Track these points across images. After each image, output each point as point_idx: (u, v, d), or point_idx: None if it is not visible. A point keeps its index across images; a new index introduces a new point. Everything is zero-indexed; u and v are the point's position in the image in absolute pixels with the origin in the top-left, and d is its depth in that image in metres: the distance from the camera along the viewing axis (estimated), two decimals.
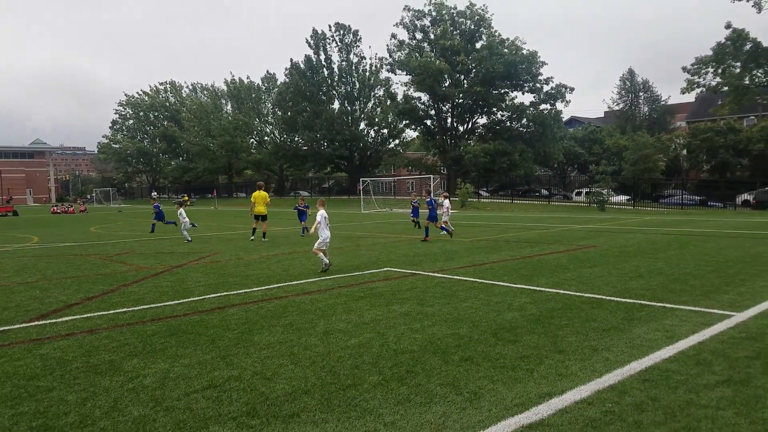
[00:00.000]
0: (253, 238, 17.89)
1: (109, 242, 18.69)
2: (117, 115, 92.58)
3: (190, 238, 18.14)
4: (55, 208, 54.74)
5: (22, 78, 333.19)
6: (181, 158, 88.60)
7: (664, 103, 62.80)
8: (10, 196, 69.15)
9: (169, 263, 12.65)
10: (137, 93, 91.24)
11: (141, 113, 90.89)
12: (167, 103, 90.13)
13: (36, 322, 7.06)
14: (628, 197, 42.28)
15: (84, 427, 3.90)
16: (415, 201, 22.60)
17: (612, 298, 7.92)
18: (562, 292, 8.48)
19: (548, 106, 52.13)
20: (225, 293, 8.81)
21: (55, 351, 5.75)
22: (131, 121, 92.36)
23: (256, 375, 4.93)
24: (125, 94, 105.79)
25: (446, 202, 18.97)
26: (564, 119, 57.03)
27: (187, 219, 18.42)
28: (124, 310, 7.73)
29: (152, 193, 71.33)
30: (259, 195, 18.10)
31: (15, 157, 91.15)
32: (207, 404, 4.30)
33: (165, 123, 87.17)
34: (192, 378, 4.90)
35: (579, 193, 48.99)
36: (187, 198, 67.17)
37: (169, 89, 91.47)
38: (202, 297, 8.55)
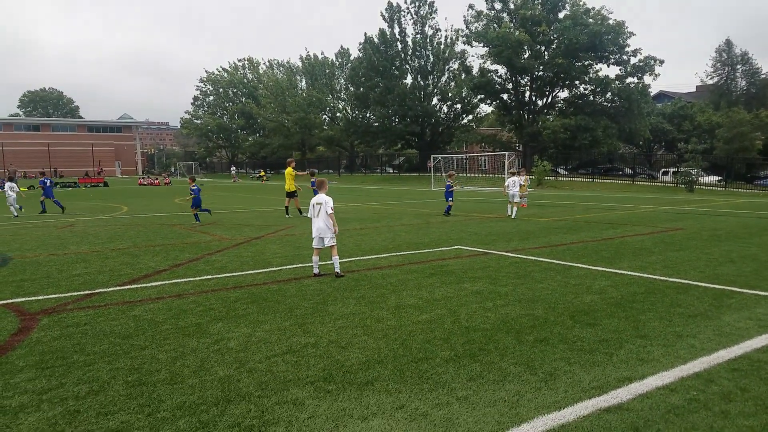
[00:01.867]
0: (299, 214, 17.69)
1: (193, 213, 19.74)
2: (198, 92, 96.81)
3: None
4: (142, 180, 58.40)
5: (109, 56, 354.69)
6: (257, 134, 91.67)
7: (764, 76, 57.36)
8: (101, 168, 74.82)
9: (248, 235, 13.21)
10: (217, 70, 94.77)
11: (221, 89, 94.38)
12: (245, 80, 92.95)
13: (128, 286, 7.62)
14: (719, 178, 39.35)
15: (174, 384, 4.19)
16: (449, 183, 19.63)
17: (699, 284, 7.50)
18: (645, 275, 8.10)
19: (635, 80, 48.96)
20: (300, 265, 9.10)
21: (146, 313, 6.19)
22: (211, 98, 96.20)
23: (332, 343, 5.09)
24: (206, 71, 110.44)
25: (515, 179, 17.86)
26: (652, 94, 53.47)
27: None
28: (209, 277, 8.18)
29: (231, 169, 74.63)
30: (286, 172, 18.06)
31: (105, 131, 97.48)
32: (287, 368, 4.50)
33: (243, 99, 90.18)
34: (272, 343, 5.13)
35: (666, 173, 45.98)
36: (263, 173, 69.85)
37: (247, 66, 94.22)
38: (280, 267, 8.88)
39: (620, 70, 49.47)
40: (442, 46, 61.97)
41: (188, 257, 9.94)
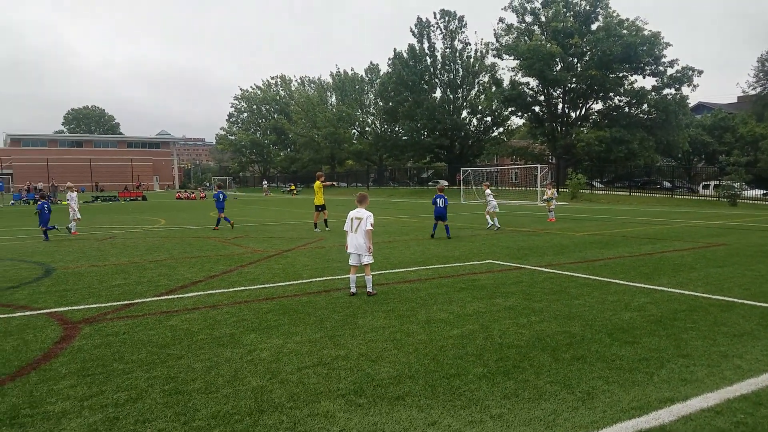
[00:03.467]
0: (325, 228, 17.69)
1: (227, 226, 20.09)
2: (233, 108, 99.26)
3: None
4: (179, 194, 59.85)
5: (149, 74, 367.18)
6: (288, 149, 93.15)
7: None
8: (140, 183, 77.00)
9: (279, 247, 13.36)
10: (251, 87, 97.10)
11: (254, 106, 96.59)
12: (278, 97, 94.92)
13: (165, 297, 7.79)
14: (764, 191, 37.92)
15: (209, 393, 4.24)
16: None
17: (745, 302, 7.20)
18: (686, 292, 7.83)
19: (672, 91, 47.85)
20: (330, 277, 9.14)
21: (182, 323, 6.30)
22: (245, 114, 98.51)
23: (362, 356, 5.07)
24: (240, 88, 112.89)
25: (490, 192, 18.29)
26: (690, 105, 52.06)
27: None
28: (242, 288, 8.29)
29: (263, 183, 75.84)
30: (315, 186, 18.07)
31: (144, 147, 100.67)
32: (318, 380, 4.51)
33: (275, 116, 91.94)
34: (303, 354, 5.15)
35: (706, 186, 44.55)
36: (293, 187, 70.72)
37: (279, 83, 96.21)
38: (310, 280, 8.93)
39: (656, 81, 48.46)
40: (471, 60, 61.95)
41: (222, 269, 10.10)
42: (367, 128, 77.60)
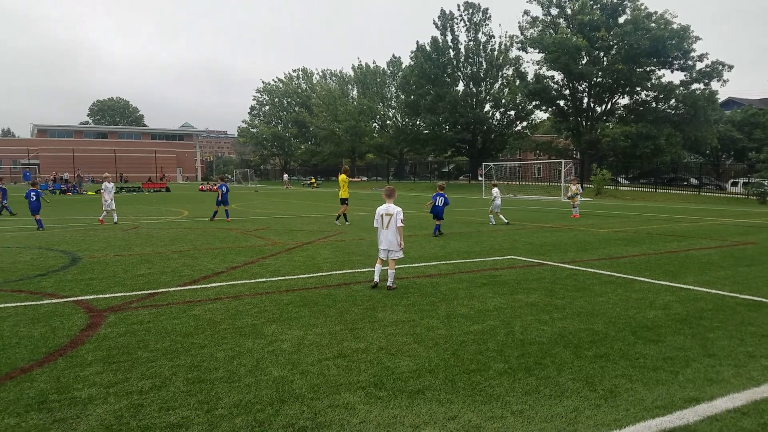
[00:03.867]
0: (345, 222, 17.61)
1: (248, 218, 20.32)
2: (255, 101, 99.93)
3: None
4: (202, 186, 60.60)
5: (172, 66, 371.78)
6: (309, 142, 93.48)
7: None
8: (164, 174, 78.18)
9: (300, 240, 13.45)
10: (273, 80, 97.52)
11: (276, 99, 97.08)
12: (299, 90, 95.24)
13: (189, 286, 7.90)
14: None
15: (231, 382, 4.29)
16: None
17: None
18: (713, 291, 7.68)
19: (701, 86, 46.67)
20: (350, 270, 9.17)
21: (205, 313, 6.38)
22: (267, 107, 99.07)
23: (382, 350, 5.08)
24: (262, 81, 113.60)
25: (498, 191, 18.36)
26: (720, 100, 50.81)
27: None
28: (263, 279, 8.37)
29: (284, 175, 76.39)
30: (340, 179, 18.09)
31: (167, 139, 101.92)
32: (338, 372, 4.53)
33: (297, 109, 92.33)
34: (324, 346, 5.18)
35: (735, 184, 43.46)
36: (314, 180, 71.06)
37: (301, 76, 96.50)
38: (330, 272, 8.97)
39: (685, 75, 47.35)
40: (495, 53, 61.32)
41: (244, 260, 10.21)
42: (388, 122, 77.48)
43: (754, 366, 4.69)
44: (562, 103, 53.10)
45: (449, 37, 61.29)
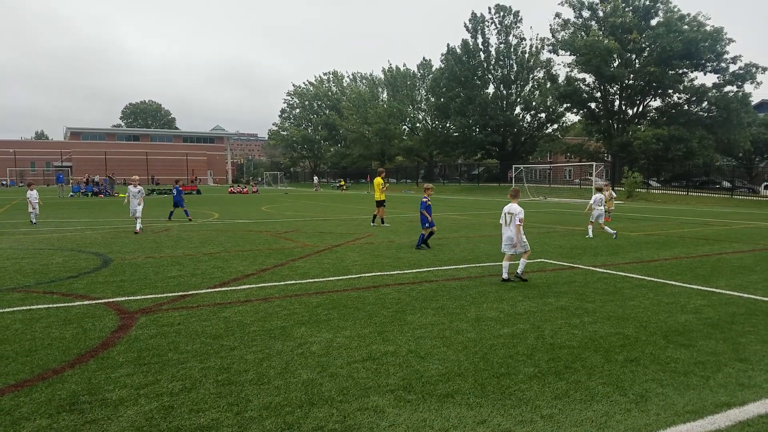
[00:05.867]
0: (373, 224, 18.11)
1: (278, 221, 20.56)
2: (285, 104, 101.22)
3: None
4: (232, 188, 61.50)
5: (205, 70, 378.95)
6: (339, 145, 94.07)
7: None
8: (195, 177, 79.68)
9: (329, 242, 13.55)
10: (303, 83, 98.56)
11: (306, 102, 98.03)
12: (329, 93, 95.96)
13: (219, 288, 8.02)
14: None
15: (261, 384, 4.35)
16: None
17: None
18: (745, 295, 7.50)
19: (734, 88, 45.51)
20: (379, 273, 9.20)
21: (235, 315, 6.48)
22: (297, 110, 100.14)
23: (411, 353, 5.09)
24: (293, 84, 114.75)
25: (601, 196, 15.44)
26: (753, 103, 49.35)
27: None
28: (293, 282, 8.46)
29: (314, 178, 77.06)
30: (375, 182, 18.39)
31: (198, 142, 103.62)
32: (367, 375, 4.56)
33: (327, 112, 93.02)
34: (353, 349, 5.22)
35: None
36: (343, 182, 71.46)
37: (331, 79, 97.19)
38: (359, 275, 9.02)
39: (718, 78, 46.33)
40: (526, 55, 60.80)
41: (274, 263, 10.34)
42: (417, 124, 77.43)
43: None
44: (593, 105, 52.35)
45: (480, 40, 61.03)
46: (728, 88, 45.81)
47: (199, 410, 3.88)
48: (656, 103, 50.99)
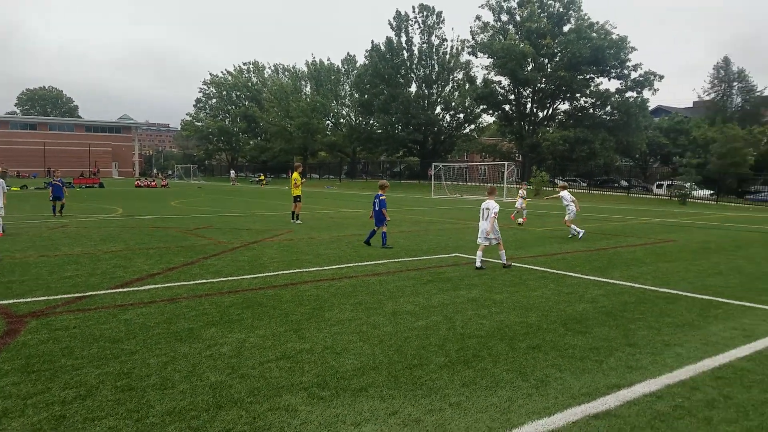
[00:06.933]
0: (298, 221, 17.35)
1: (189, 217, 19.72)
2: (201, 94, 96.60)
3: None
4: (139, 182, 58.02)
5: (110, 54, 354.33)
6: (259, 138, 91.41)
7: (759, 94, 57.60)
8: (98, 169, 74.57)
9: (245, 239, 13.19)
10: (221, 73, 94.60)
11: (224, 92, 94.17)
12: (249, 83, 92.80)
13: (120, 289, 7.51)
14: (711, 192, 39.68)
15: (165, 389, 4.15)
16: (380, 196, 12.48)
17: (688, 294, 7.65)
18: (636, 285, 8.21)
19: (634, 94, 49.50)
20: (297, 270, 9.08)
21: (138, 317, 6.11)
22: (214, 100, 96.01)
23: (327, 349, 5.08)
24: (210, 74, 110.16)
25: (565, 195, 15.25)
26: (650, 108, 53.88)
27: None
28: (203, 281, 8.13)
29: (230, 172, 74.68)
30: (293, 176, 18.06)
31: (103, 132, 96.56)
32: (280, 374, 4.49)
33: (246, 103, 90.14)
34: (266, 348, 5.11)
35: (660, 186, 46.29)
36: (263, 177, 69.79)
37: (252, 69, 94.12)
38: (277, 273, 8.85)
39: (620, 84, 50.05)
40: (447, 56, 62.36)
41: (183, 261, 9.90)
42: (341, 120, 77.03)
43: (668, 354, 5.09)
44: (507, 107, 54.79)
45: (404, 39, 61.83)
46: (629, 93, 49.63)
47: (95, 418, 3.64)
48: (564, 106, 54.31)
